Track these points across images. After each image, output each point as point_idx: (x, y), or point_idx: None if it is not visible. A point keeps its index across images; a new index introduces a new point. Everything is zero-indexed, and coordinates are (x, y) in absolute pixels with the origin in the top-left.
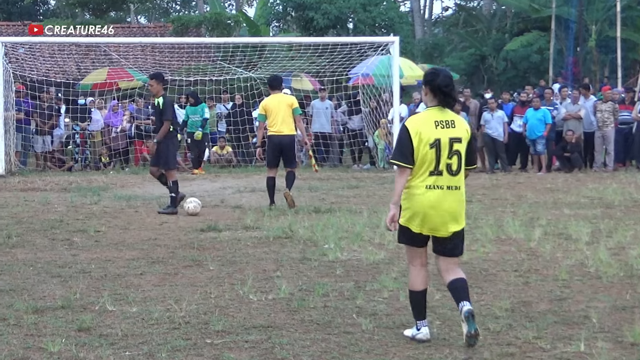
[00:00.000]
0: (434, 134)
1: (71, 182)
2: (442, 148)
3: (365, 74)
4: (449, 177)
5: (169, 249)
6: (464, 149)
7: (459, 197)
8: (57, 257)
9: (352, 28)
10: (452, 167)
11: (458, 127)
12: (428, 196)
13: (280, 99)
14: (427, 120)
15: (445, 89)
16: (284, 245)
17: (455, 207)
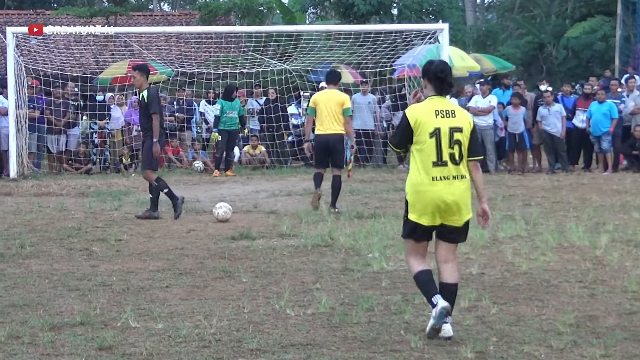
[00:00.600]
0: (434, 123)
1: (89, 186)
2: (442, 137)
3: (411, 65)
4: (454, 167)
5: (197, 259)
6: (465, 139)
7: (465, 186)
8: (74, 268)
9: (396, 14)
10: (454, 156)
11: (459, 117)
12: (435, 187)
13: (332, 95)
14: (427, 109)
15: (440, 74)
16: (323, 255)
17: (461, 197)
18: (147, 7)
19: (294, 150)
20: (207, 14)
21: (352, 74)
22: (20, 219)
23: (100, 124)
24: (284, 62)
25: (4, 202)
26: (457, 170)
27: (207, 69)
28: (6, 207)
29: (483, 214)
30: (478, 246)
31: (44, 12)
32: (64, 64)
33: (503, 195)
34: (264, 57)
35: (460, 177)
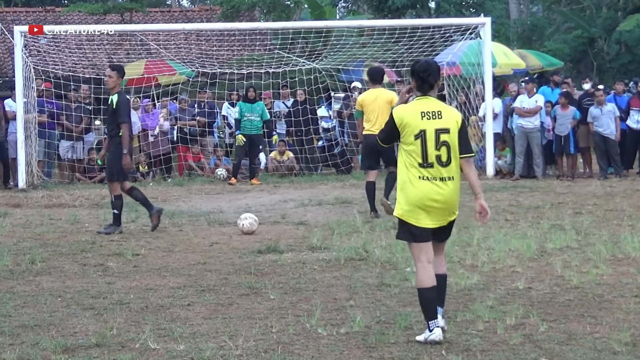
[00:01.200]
0: (420, 125)
1: (104, 196)
2: (428, 139)
3: (451, 62)
4: (440, 169)
5: (220, 274)
6: (453, 140)
7: (453, 187)
8: (89, 285)
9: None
10: (441, 158)
11: (445, 118)
12: (422, 187)
13: (379, 94)
14: (414, 111)
15: (422, 74)
16: (357, 269)
17: (451, 198)
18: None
19: (325, 156)
20: (230, 10)
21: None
22: (30, 232)
23: None
24: (313, 60)
25: (13, 214)
26: (444, 172)
27: (229, 68)
28: (15, 220)
29: (481, 209)
30: (525, 258)
31: (54, 9)
32: (76, 65)
33: (551, 203)
34: (292, 55)
35: (447, 179)
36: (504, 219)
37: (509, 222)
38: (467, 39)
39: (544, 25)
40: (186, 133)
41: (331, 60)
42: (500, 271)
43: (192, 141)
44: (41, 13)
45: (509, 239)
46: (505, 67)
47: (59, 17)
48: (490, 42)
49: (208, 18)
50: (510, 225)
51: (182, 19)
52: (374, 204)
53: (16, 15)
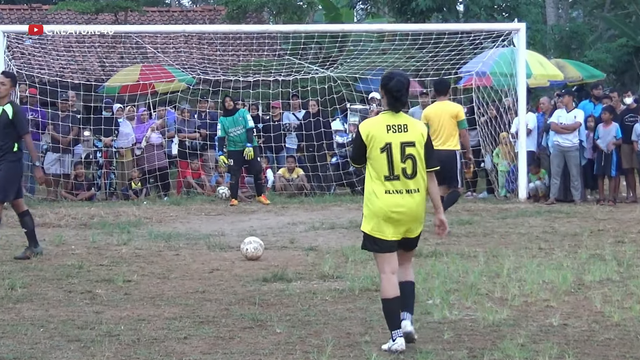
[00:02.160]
0: (385, 138)
1: (92, 215)
2: (394, 152)
3: (480, 72)
4: (406, 181)
5: (221, 304)
6: (419, 153)
7: (419, 199)
8: (75, 315)
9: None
10: (407, 170)
11: (411, 131)
12: (387, 200)
13: (444, 107)
14: (379, 124)
15: (395, 94)
16: (373, 301)
17: (417, 210)
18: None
19: (339, 174)
20: (236, 10)
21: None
22: (10, 254)
23: (105, 141)
24: (328, 68)
25: None
26: (410, 184)
27: (234, 76)
28: None
29: (440, 224)
30: (560, 291)
31: (40, 7)
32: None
33: (590, 230)
34: (304, 62)
35: (413, 191)
36: (538, 248)
37: (542, 251)
38: (499, 46)
39: (585, 33)
40: (186, 146)
41: (347, 68)
42: (533, 305)
43: (192, 156)
44: (26, 11)
45: (542, 270)
46: (541, 78)
47: (45, 15)
48: (524, 50)
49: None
50: (544, 254)
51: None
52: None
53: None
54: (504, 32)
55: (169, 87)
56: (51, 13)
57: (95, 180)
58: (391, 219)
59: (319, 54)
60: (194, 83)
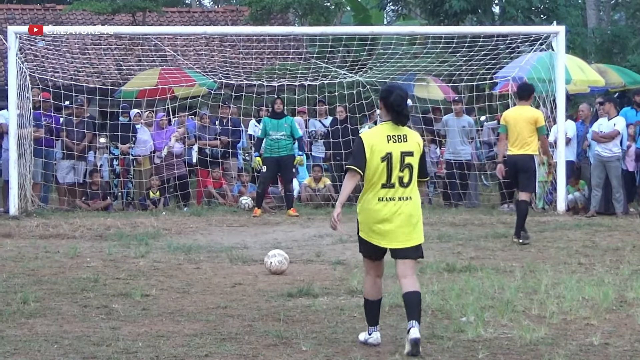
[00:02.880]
0: (386, 148)
1: (109, 226)
2: (394, 161)
3: (517, 77)
4: (400, 189)
5: (244, 320)
6: (416, 162)
7: (412, 206)
8: (90, 330)
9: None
10: (403, 179)
11: (410, 141)
12: (381, 208)
13: (523, 112)
14: (380, 135)
15: (397, 108)
16: (404, 318)
17: (409, 218)
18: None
19: None
20: (260, 11)
21: (443, 88)
22: (22, 267)
23: (122, 149)
24: (356, 72)
25: (3, 245)
26: (403, 192)
27: (258, 80)
28: (5, 252)
29: None
30: (601, 309)
31: (54, 7)
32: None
33: (633, 245)
34: (331, 66)
35: (405, 199)
36: (577, 263)
37: (582, 266)
38: (537, 50)
39: (627, 36)
40: (206, 154)
41: (377, 73)
42: (572, 323)
43: (213, 164)
44: (39, 11)
45: (582, 286)
46: (581, 84)
47: (59, 16)
48: (563, 54)
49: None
50: (584, 269)
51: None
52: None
53: (10, 13)
54: (542, 36)
55: (189, 91)
56: (65, 13)
57: (112, 189)
58: (383, 225)
59: (347, 57)
60: (216, 88)
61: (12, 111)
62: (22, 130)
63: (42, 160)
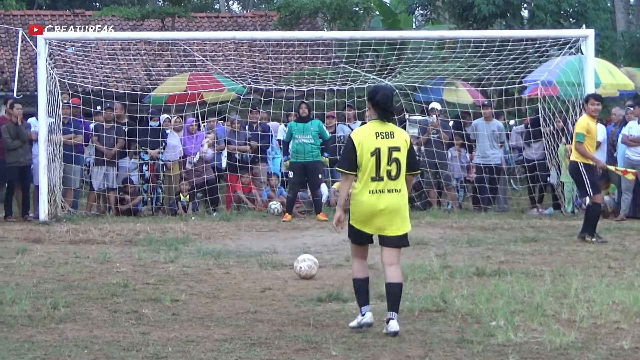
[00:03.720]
0: (374, 144)
1: (138, 231)
2: (382, 156)
3: (546, 81)
4: (389, 182)
5: (274, 325)
6: (403, 157)
7: (400, 198)
8: (120, 335)
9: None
10: (391, 172)
11: (397, 138)
12: (372, 200)
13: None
14: (369, 132)
15: (383, 106)
16: (434, 322)
17: (396, 207)
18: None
19: None
20: (288, 16)
21: (471, 92)
22: (52, 272)
23: (152, 154)
24: (385, 77)
25: (33, 250)
26: (392, 185)
27: (287, 85)
28: (35, 258)
29: None
30: (631, 313)
31: (83, 13)
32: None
33: None
34: (360, 70)
35: (394, 191)
36: (607, 266)
37: (612, 270)
38: (566, 54)
39: None
40: (236, 159)
41: (406, 77)
42: (602, 328)
43: (242, 169)
44: (69, 17)
45: (612, 290)
46: (611, 88)
47: (89, 21)
48: (593, 58)
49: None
50: (614, 273)
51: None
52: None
53: (40, 19)
54: (571, 39)
55: (218, 96)
56: (95, 19)
57: (142, 194)
58: (373, 216)
59: (376, 62)
60: (245, 93)
61: (42, 117)
62: (52, 136)
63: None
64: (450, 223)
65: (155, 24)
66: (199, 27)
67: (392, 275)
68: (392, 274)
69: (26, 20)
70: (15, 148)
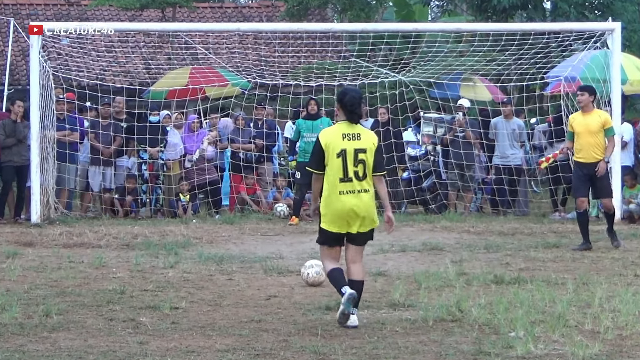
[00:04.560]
0: (341, 145)
1: (136, 234)
2: (348, 157)
3: (570, 77)
4: (358, 182)
5: (279, 335)
6: (370, 158)
7: (368, 198)
8: (116, 345)
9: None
10: (359, 173)
11: (363, 140)
12: (342, 200)
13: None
14: (336, 133)
15: (350, 108)
16: (449, 333)
17: (366, 207)
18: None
19: (411, 190)
20: (296, 7)
21: (490, 88)
22: (44, 277)
23: (151, 152)
24: (399, 71)
25: (24, 254)
26: (360, 185)
27: (294, 80)
28: (27, 262)
29: (388, 220)
30: None
31: (79, 3)
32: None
33: None
34: (372, 65)
35: (363, 191)
36: (634, 275)
37: (638, 278)
38: (591, 48)
39: None
40: (240, 158)
41: (421, 72)
42: (628, 339)
43: (247, 169)
44: (63, 7)
45: (638, 300)
46: (638, 84)
47: (84, 12)
48: (619, 53)
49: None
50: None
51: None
52: (587, 234)
53: (33, 9)
54: (597, 33)
55: (221, 92)
56: (91, 9)
57: (140, 195)
58: (346, 216)
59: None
60: (250, 88)
61: (34, 112)
62: (45, 132)
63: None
64: (467, 227)
65: (155, 14)
66: (201, 17)
67: (356, 273)
68: (356, 272)
69: (18, 10)
70: (8, 146)
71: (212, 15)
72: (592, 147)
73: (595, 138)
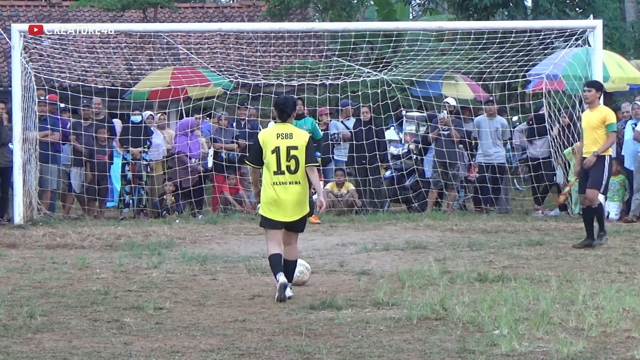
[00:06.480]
0: (275, 143)
1: (119, 235)
2: (281, 153)
3: (551, 75)
4: (289, 175)
5: (264, 335)
6: (301, 154)
7: (299, 189)
8: (100, 346)
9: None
10: (290, 167)
11: (295, 138)
12: (275, 190)
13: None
14: (272, 132)
15: (281, 106)
16: (433, 331)
17: (296, 197)
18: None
19: (394, 189)
20: (278, 6)
21: (472, 87)
22: (28, 279)
23: (134, 153)
24: (381, 70)
25: (8, 256)
26: (292, 178)
27: (276, 79)
28: (10, 263)
29: (319, 203)
30: None
31: (60, 4)
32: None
33: None
34: (354, 64)
35: (294, 183)
36: (617, 271)
37: (622, 275)
38: (572, 46)
39: None
40: (222, 159)
41: (403, 71)
42: (612, 336)
43: (229, 169)
44: (45, 8)
45: (622, 296)
46: (620, 81)
47: (66, 13)
48: (601, 50)
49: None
50: (624, 278)
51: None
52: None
53: (14, 10)
54: (578, 30)
55: (203, 92)
56: (72, 10)
57: (122, 196)
58: (277, 204)
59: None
60: (232, 88)
61: (17, 114)
62: (27, 133)
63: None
64: (450, 226)
65: (137, 15)
66: (182, 18)
67: (290, 254)
68: (290, 253)
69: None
70: None
71: (193, 16)
72: (591, 143)
73: (595, 134)
